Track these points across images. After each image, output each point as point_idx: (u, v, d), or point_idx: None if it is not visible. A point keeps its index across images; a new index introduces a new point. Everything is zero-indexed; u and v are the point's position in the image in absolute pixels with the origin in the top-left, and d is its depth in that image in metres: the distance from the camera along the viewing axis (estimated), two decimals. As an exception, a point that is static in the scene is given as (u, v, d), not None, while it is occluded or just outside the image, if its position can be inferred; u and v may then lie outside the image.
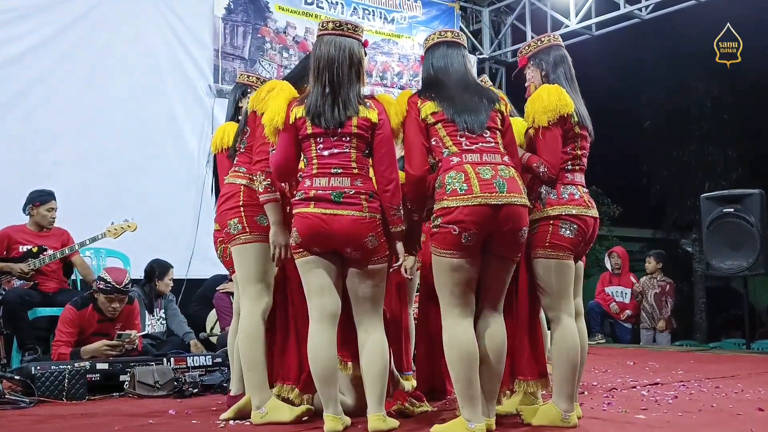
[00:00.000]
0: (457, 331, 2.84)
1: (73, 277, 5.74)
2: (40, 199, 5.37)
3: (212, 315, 5.73)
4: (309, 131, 2.93)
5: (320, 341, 2.92)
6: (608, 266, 8.13)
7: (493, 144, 2.92)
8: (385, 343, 2.99)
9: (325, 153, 2.92)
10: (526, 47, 3.32)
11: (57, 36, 6.65)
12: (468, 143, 2.88)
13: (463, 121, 2.91)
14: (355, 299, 3.00)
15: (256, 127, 3.19)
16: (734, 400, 3.72)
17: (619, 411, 3.41)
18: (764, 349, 6.91)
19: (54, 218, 5.41)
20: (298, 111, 2.95)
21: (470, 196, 2.78)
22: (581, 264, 3.32)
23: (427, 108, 2.93)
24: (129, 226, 5.41)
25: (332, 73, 2.94)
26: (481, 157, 2.86)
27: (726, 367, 5.20)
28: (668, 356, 6.28)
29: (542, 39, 3.28)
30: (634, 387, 4.24)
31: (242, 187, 3.25)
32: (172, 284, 5.66)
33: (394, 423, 2.93)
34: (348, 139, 2.92)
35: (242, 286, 3.26)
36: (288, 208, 3.17)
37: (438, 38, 3.11)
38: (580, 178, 3.16)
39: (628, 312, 7.78)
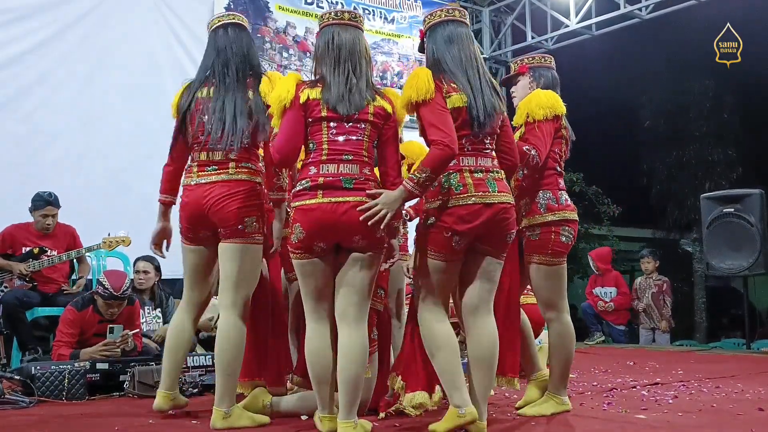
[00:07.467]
0: (435, 323, 2.93)
1: (73, 277, 5.75)
2: (35, 204, 5.35)
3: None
4: (323, 114, 2.84)
5: (318, 343, 2.90)
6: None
7: (489, 150, 2.96)
8: (366, 346, 2.89)
9: (340, 138, 2.84)
10: (530, 59, 3.56)
11: (57, 36, 6.65)
12: (470, 148, 2.91)
13: (476, 127, 2.89)
14: (346, 289, 2.88)
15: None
16: (734, 400, 3.72)
17: (619, 411, 3.41)
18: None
19: (49, 225, 5.37)
20: (312, 92, 2.86)
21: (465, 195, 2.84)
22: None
23: (455, 100, 2.86)
24: (123, 240, 5.43)
25: (353, 61, 2.90)
26: (476, 162, 2.90)
27: (726, 367, 5.20)
28: (668, 356, 6.28)
29: (545, 58, 3.54)
30: (634, 387, 4.24)
31: (257, 185, 3.18)
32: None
33: (367, 426, 2.89)
34: (363, 126, 2.86)
35: (247, 285, 3.20)
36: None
37: (445, 16, 3.01)
38: (562, 183, 3.37)
39: (612, 305, 7.73)
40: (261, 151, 3.27)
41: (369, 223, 2.74)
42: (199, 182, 3.16)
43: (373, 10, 8.74)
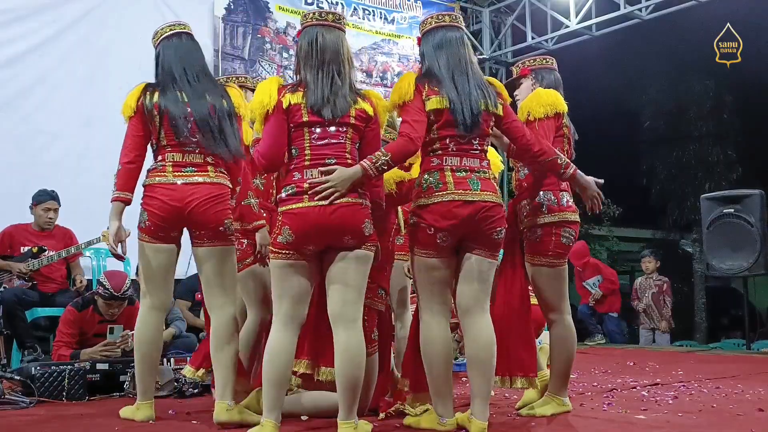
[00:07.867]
0: (433, 327, 2.94)
1: (73, 277, 5.75)
2: (37, 198, 5.42)
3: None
4: (305, 119, 2.84)
5: (284, 346, 2.84)
6: None
7: (478, 151, 2.99)
8: (363, 346, 2.85)
9: (321, 143, 2.84)
10: (531, 60, 3.57)
11: (57, 36, 6.65)
12: (455, 148, 2.94)
13: (461, 128, 2.92)
14: (341, 287, 2.83)
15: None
16: (734, 401, 3.73)
17: (619, 411, 3.42)
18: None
19: (51, 219, 5.42)
20: (293, 97, 2.84)
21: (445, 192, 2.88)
22: None
23: (434, 103, 2.92)
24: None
25: (337, 64, 2.90)
26: (460, 162, 2.94)
27: (726, 368, 5.21)
28: (668, 356, 6.29)
29: (546, 59, 3.54)
30: (634, 387, 4.24)
31: (230, 189, 3.28)
32: None
33: (367, 427, 2.89)
34: (344, 129, 2.87)
35: (233, 285, 3.27)
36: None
37: (435, 23, 3.08)
38: (564, 184, 3.33)
39: (600, 292, 7.74)
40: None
41: (316, 198, 2.76)
42: (177, 182, 3.17)
43: (373, 11, 8.74)
